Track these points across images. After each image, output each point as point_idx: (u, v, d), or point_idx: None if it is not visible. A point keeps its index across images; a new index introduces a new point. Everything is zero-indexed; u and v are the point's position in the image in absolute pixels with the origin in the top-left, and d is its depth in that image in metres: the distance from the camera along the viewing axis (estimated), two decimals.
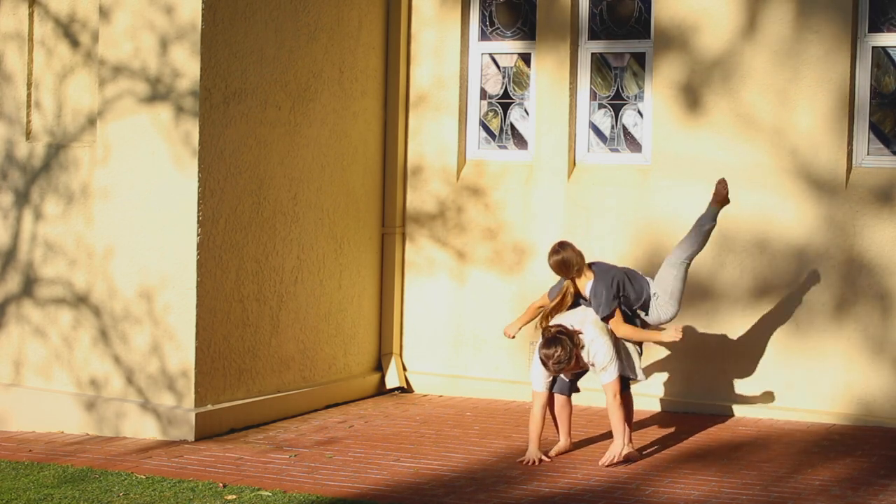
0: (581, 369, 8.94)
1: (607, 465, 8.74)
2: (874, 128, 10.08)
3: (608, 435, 9.55)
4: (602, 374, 8.76)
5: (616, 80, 10.93)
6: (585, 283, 8.91)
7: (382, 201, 11.55)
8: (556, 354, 8.62)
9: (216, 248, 9.96)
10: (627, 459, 8.82)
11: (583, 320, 8.82)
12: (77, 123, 10.46)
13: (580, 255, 8.90)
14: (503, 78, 11.36)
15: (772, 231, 10.21)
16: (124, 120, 10.03)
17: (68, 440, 9.96)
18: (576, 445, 9.28)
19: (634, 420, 9.33)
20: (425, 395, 11.35)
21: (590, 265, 8.97)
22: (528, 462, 8.88)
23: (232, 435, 9.92)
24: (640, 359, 9.03)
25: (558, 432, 9.16)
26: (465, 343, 11.25)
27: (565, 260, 8.87)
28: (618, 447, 8.77)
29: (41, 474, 8.85)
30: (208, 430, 9.86)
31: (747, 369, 10.31)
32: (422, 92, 11.46)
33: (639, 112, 10.84)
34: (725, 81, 10.32)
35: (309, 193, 10.74)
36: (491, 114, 11.41)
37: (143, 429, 9.96)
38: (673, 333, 8.70)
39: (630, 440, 8.95)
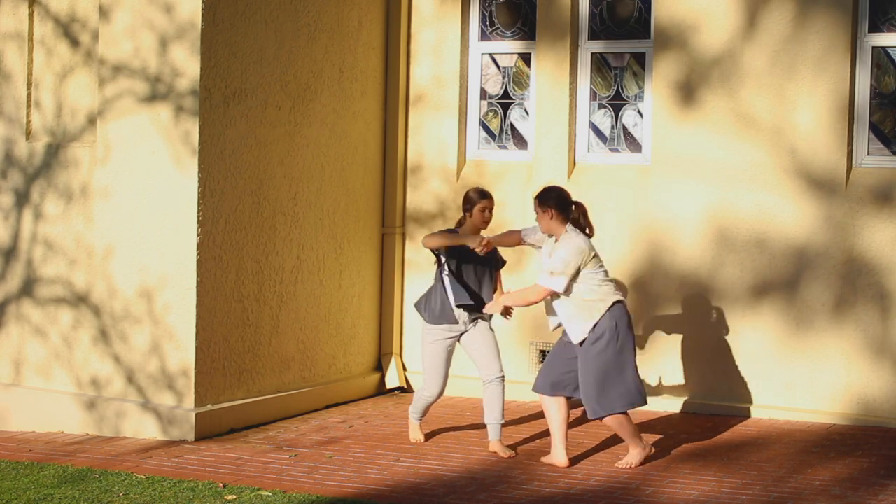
0: (535, 240, 8.90)
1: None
2: (874, 128, 10.08)
3: (615, 439, 9.54)
4: (544, 276, 8.60)
5: (616, 80, 10.92)
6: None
7: (382, 201, 11.55)
8: (553, 187, 8.77)
9: (216, 248, 9.96)
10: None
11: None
12: (77, 123, 10.46)
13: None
14: (503, 78, 11.35)
15: (771, 231, 10.21)
16: (124, 119, 10.03)
17: (68, 440, 9.95)
18: (576, 446, 9.28)
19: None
20: None
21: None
22: None
23: (232, 435, 9.92)
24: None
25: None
26: None
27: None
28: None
29: (41, 474, 8.85)
30: (208, 430, 9.86)
31: (747, 369, 10.30)
32: (422, 92, 11.45)
33: (639, 112, 10.84)
34: (725, 81, 10.31)
35: (309, 193, 10.74)
36: (491, 114, 11.40)
37: (143, 429, 9.96)
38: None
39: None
